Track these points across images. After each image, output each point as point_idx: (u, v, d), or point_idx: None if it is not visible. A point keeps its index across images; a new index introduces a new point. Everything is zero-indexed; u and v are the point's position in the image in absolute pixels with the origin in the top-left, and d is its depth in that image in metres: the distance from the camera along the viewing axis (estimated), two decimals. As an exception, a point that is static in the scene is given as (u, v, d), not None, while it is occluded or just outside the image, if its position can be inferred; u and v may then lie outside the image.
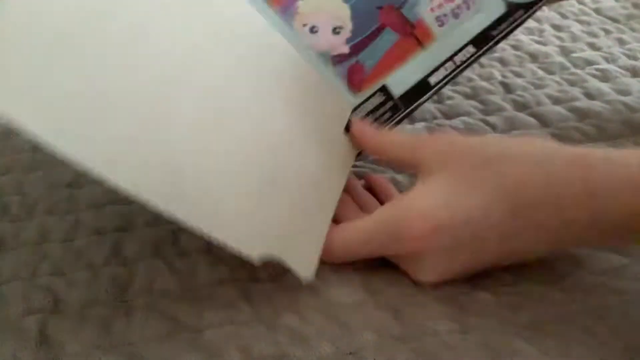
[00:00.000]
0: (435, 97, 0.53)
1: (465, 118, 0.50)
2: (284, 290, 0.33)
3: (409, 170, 0.35)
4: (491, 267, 0.33)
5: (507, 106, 0.52)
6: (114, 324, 0.31)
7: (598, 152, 0.30)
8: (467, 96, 0.54)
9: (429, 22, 0.41)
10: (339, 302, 0.32)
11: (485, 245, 0.31)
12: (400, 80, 0.41)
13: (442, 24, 0.41)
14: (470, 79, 0.56)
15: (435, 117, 0.51)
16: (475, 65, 0.58)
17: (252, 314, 0.32)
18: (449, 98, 0.53)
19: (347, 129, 0.40)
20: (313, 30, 0.39)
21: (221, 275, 0.35)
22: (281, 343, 0.30)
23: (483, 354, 0.28)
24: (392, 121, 0.42)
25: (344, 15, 0.39)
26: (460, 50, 0.42)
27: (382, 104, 0.41)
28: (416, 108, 0.42)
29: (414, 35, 0.41)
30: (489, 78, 0.56)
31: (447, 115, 0.51)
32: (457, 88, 0.54)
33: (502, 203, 0.30)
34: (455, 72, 0.42)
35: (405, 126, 0.49)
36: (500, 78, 0.56)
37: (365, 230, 0.34)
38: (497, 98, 0.53)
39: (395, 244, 0.33)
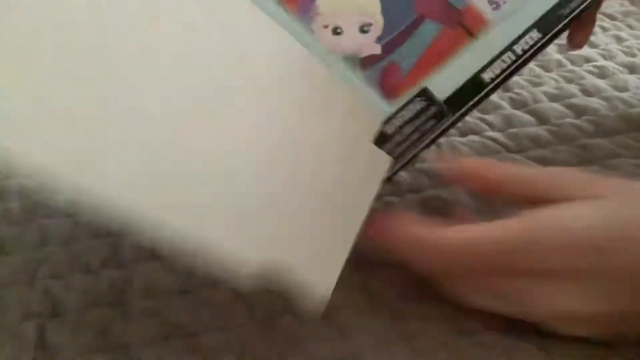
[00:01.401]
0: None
1: (462, 117, 0.50)
2: (280, 294, 0.33)
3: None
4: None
5: (505, 104, 0.52)
6: (112, 327, 0.31)
7: None
8: (465, 95, 0.54)
9: (480, 6, 0.34)
10: (336, 305, 0.32)
11: None
12: (446, 81, 0.34)
13: (497, 7, 0.34)
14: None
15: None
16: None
17: (249, 316, 0.32)
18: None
19: (380, 142, 0.34)
20: (337, 31, 0.33)
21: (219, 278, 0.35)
22: (278, 345, 0.30)
23: (482, 353, 0.28)
24: (437, 130, 0.35)
25: (373, 9, 0.34)
26: (522, 36, 0.34)
27: (423, 111, 0.34)
28: (467, 112, 0.35)
29: (462, 24, 0.34)
30: (486, 76, 0.56)
31: (445, 114, 0.51)
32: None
33: None
34: (516, 65, 0.35)
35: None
36: (497, 76, 0.56)
37: (494, 234, 0.28)
38: (495, 96, 0.53)
39: (525, 256, 0.27)
